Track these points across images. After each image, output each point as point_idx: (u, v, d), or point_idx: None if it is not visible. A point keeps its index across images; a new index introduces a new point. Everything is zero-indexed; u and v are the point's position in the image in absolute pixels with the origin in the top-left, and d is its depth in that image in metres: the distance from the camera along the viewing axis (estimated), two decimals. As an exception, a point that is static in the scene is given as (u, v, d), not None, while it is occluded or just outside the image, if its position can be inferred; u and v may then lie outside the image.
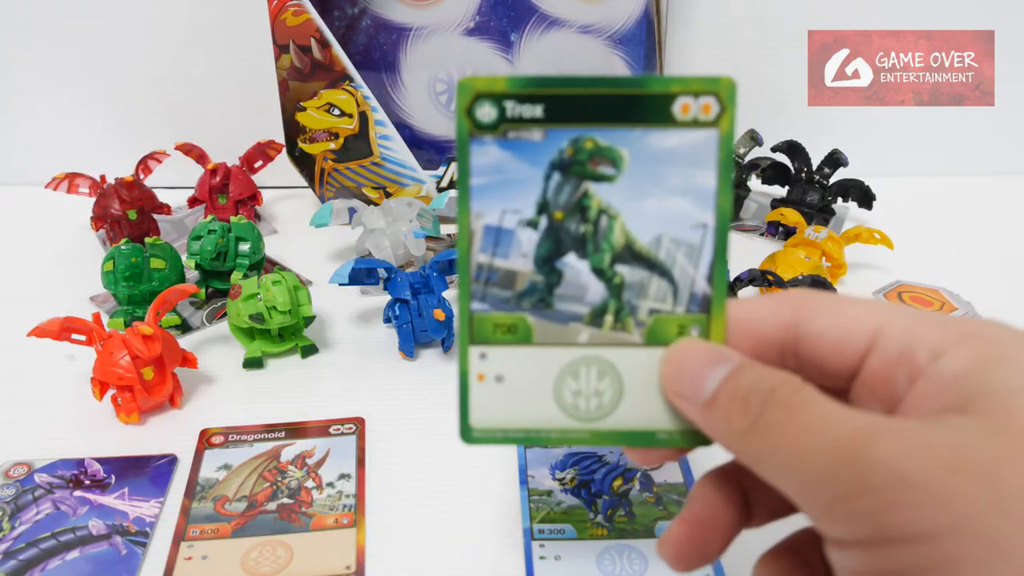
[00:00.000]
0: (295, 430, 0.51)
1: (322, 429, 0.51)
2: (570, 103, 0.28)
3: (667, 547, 0.28)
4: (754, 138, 0.79)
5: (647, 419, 0.28)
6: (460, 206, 0.28)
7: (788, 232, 0.74)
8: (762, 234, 0.77)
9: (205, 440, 0.50)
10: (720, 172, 0.27)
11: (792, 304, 0.27)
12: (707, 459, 0.49)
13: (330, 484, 0.47)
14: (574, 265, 0.28)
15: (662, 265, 0.28)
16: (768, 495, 0.26)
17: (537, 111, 0.27)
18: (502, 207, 0.28)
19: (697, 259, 0.28)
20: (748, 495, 0.29)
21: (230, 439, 0.50)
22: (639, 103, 0.27)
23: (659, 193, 0.28)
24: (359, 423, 0.51)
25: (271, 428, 0.51)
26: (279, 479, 0.47)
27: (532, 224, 0.28)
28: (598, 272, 0.28)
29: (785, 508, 0.28)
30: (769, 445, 0.24)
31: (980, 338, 0.24)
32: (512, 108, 0.28)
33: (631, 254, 0.28)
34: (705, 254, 0.28)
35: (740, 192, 0.79)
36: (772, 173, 0.77)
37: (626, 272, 0.28)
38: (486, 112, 0.28)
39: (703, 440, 0.28)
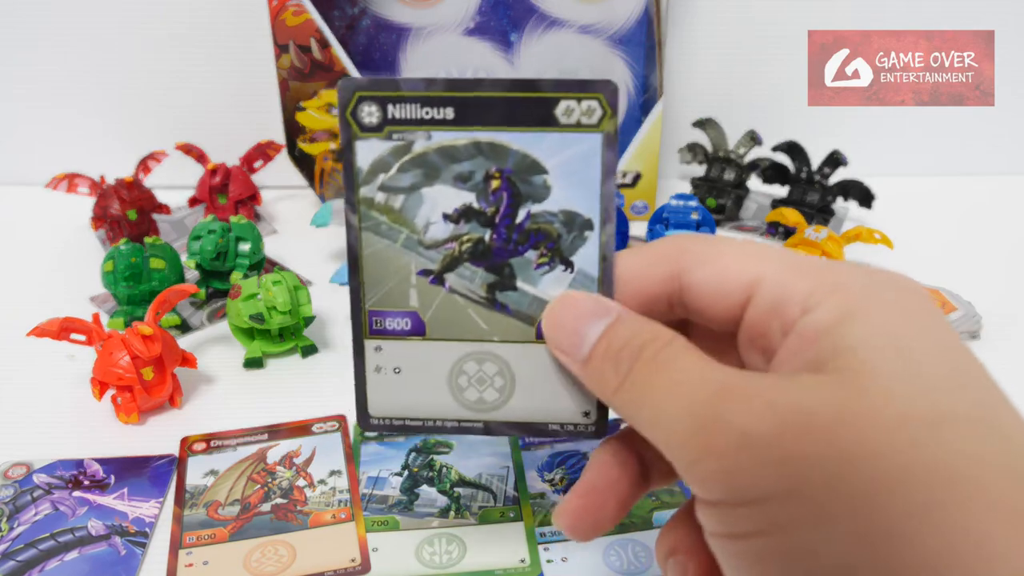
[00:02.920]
0: (276, 431, 0.51)
1: (304, 428, 0.51)
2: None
3: (563, 517, 0.29)
4: (754, 138, 0.79)
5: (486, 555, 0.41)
6: (357, 476, 0.47)
7: (788, 232, 0.74)
8: (762, 234, 0.77)
9: (187, 448, 0.50)
10: (513, 452, 0.48)
11: (672, 256, 0.28)
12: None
13: (322, 481, 0.47)
14: (427, 489, 0.46)
15: (484, 485, 0.46)
16: (661, 457, 0.26)
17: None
18: (379, 468, 0.47)
19: (506, 481, 0.46)
20: (644, 459, 0.29)
21: (212, 445, 0.50)
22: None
23: (479, 457, 0.47)
24: (342, 420, 0.51)
25: (251, 432, 0.51)
26: (269, 480, 0.47)
27: (398, 475, 0.47)
28: (443, 492, 0.45)
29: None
30: (637, 404, 0.25)
31: (846, 290, 0.24)
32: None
33: (463, 483, 0.46)
34: (510, 479, 0.46)
35: (740, 192, 0.79)
36: (772, 173, 0.77)
37: (461, 491, 0.45)
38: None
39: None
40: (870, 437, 0.21)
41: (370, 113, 0.30)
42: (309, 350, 0.59)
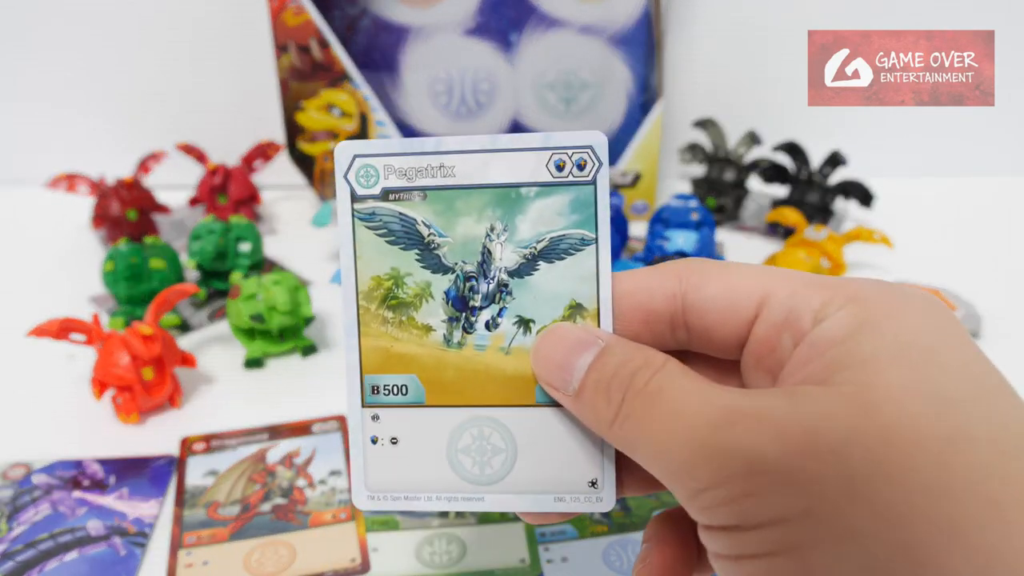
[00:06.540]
0: (276, 431, 0.51)
1: (304, 428, 0.51)
2: None
3: None
4: (754, 138, 0.79)
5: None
6: None
7: (788, 232, 0.74)
8: (762, 234, 0.77)
9: (187, 448, 0.50)
10: None
11: (678, 274, 0.26)
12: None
13: (322, 481, 0.47)
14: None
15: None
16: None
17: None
18: None
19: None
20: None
21: (212, 445, 0.50)
22: None
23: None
24: (341, 420, 0.51)
25: (251, 432, 0.51)
26: (269, 480, 0.47)
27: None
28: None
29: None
30: (635, 437, 0.24)
31: (862, 301, 0.23)
32: None
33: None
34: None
35: (740, 192, 0.79)
36: (772, 173, 0.77)
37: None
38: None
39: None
40: (883, 458, 0.20)
41: None
42: (309, 350, 0.59)
